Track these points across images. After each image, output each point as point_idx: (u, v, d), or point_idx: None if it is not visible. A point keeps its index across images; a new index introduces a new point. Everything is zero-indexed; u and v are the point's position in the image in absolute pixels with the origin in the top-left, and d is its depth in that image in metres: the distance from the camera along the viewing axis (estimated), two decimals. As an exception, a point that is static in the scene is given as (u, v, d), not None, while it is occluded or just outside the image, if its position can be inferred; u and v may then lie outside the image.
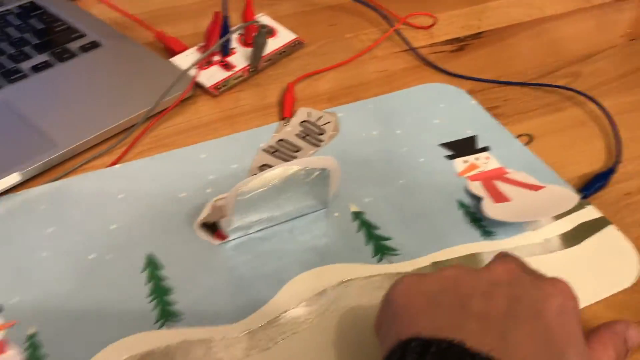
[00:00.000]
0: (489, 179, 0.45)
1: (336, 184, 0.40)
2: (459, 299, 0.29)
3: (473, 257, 0.40)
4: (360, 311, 0.37)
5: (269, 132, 0.50)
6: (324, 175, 0.39)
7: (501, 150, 0.48)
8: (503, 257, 0.33)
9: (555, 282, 0.30)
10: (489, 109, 0.53)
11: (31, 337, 0.36)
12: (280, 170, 0.37)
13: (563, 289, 0.29)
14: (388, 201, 0.44)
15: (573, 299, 0.29)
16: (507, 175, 0.45)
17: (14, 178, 0.44)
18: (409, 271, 0.39)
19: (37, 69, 0.54)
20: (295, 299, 0.38)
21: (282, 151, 0.48)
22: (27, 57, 0.55)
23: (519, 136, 0.50)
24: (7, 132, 0.47)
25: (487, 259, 0.40)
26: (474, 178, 0.45)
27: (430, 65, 0.58)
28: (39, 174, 0.46)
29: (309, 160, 0.37)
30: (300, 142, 0.48)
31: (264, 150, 0.48)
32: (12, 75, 0.53)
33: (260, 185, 0.37)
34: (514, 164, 0.47)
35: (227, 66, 0.56)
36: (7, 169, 0.44)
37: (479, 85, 0.56)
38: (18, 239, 0.41)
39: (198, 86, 0.54)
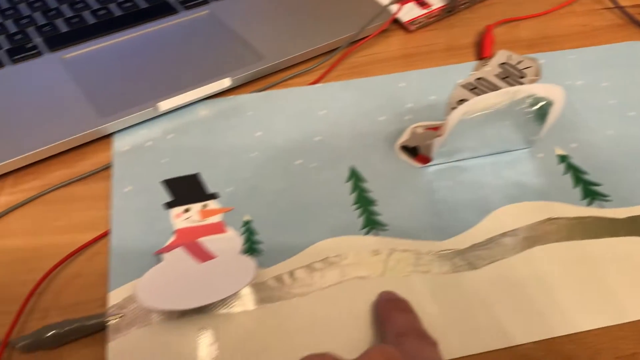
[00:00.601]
0: None
1: (553, 121, 0.39)
2: None
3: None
4: (572, 249, 0.36)
5: (466, 70, 0.49)
6: (545, 108, 0.38)
7: None
8: (388, 343, 0.27)
9: None
10: None
11: (246, 223, 0.38)
12: (508, 94, 0.36)
13: None
14: (596, 149, 0.42)
15: None
16: None
17: (225, 82, 0.46)
18: (622, 218, 0.38)
19: (240, -11, 0.56)
20: (501, 228, 0.38)
21: (481, 89, 0.47)
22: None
23: None
24: (219, 42, 0.50)
25: None
26: (693, 137, 0.43)
27: (638, 24, 0.55)
28: (246, 83, 0.48)
29: (538, 87, 0.37)
30: (500, 83, 0.48)
31: (462, 86, 0.47)
32: (218, -7, 0.55)
33: (485, 107, 0.37)
34: None
35: (423, 4, 0.56)
36: (219, 73, 0.47)
37: (692, 49, 0.52)
38: (230, 138, 0.43)
39: (394, 21, 0.54)
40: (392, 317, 0.31)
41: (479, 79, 0.48)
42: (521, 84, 0.47)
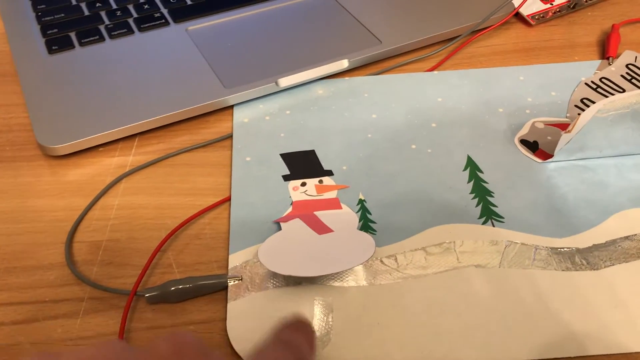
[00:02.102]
0: None
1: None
2: None
3: None
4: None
5: (588, 68, 0.48)
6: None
7: None
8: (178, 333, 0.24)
9: None
10: None
11: (361, 201, 0.38)
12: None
13: None
14: None
15: None
16: None
17: (343, 64, 0.47)
18: None
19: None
20: (625, 231, 0.36)
21: (604, 89, 0.46)
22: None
23: None
24: (337, 24, 0.51)
25: None
26: None
27: None
28: (362, 66, 0.48)
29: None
30: (625, 84, 0.46)
31: (587, 84, 0.46)
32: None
33: (623, 106, 0.35)
34: None
35: (544, -1, 0.54)
36: (337, 55, 0.47)
37: None
38: (346, 118, 0.44)
39: (514, 14, 0.53)
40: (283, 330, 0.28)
41: (602, 78, 0.47)
42: (649, 86, 0.46)
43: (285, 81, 0.45)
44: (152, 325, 0.32)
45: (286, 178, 0.39)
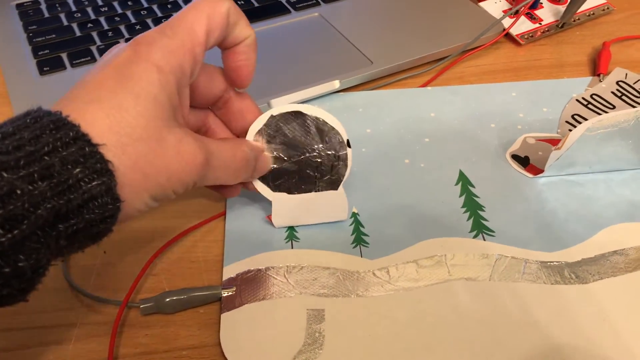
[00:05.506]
0: None
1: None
2: None
3: None
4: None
5: (579, 85, 0.51)
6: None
7: None
8: None
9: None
10: None
11: (354, 215, 0.40)
12: (636, 113, 0.38)
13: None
14: None
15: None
16: None
17: (334, 85, 0.49)
18: None
19: (349, -6, 0.59)
20: (613, 245, 0.39)
21: (595, 105, 0.49)
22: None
23: None
24: (328, 44, 0.54)
25: None
26: None
27: None
28: (355, 86, 0.51)
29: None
30: (615, 101, 0.49)
31: (578, 100, 0.49)
32: (327, -3, 0.59)
33: (611, 124, 0.38)
34: None
35: (533, 18, 0.58)
36: (329, 75, 0.50)
37: None
38: (339, 135, 0.46)
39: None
40: None
41: (593, 95, 0.50)
42: (638, 103, 0.48)
43: (277, 102, 0.47)
44: (144, 350, 0.34)
45: (279, 194, 0.42)
